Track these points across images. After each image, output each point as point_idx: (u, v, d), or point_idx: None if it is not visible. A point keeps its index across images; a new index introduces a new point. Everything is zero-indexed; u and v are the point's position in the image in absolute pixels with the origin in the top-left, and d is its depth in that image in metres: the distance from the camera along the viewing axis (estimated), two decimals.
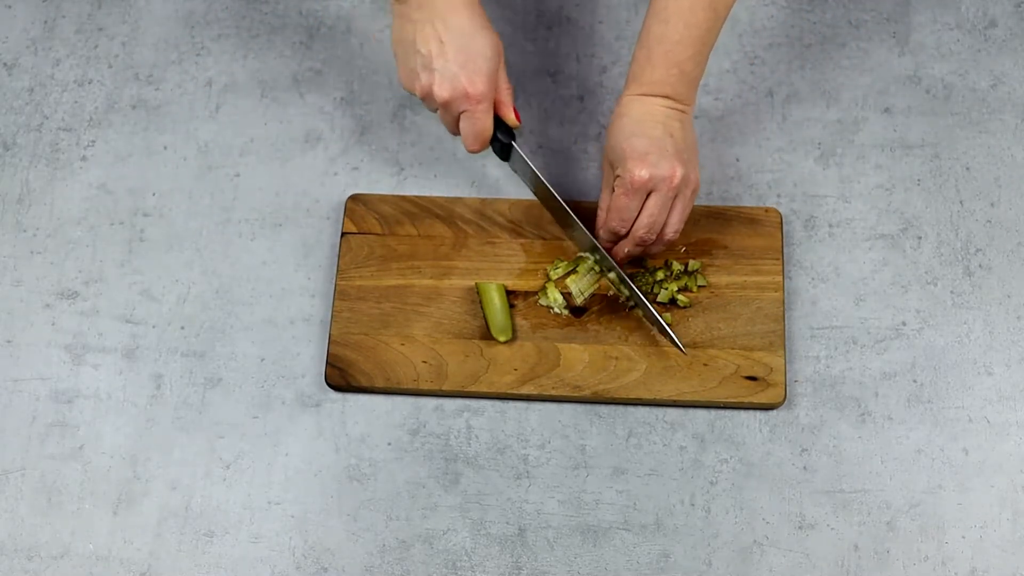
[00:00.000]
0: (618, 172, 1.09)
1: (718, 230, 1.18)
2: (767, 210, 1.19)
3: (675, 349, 1.13)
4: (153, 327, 1.18)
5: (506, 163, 1.17)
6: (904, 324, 1.16)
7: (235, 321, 1.18)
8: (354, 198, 1.20)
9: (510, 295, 1.16)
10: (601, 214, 1.13)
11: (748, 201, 1.21)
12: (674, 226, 1.11)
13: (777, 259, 1.17)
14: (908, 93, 1.26)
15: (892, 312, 1.17)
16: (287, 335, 1.17)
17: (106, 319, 1.18)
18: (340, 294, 1.17)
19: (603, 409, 1.14)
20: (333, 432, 1.14)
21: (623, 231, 1.11)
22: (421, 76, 1.08)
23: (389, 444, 1.13)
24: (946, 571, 1.08)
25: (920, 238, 1.20)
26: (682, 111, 1.10)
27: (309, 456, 1.13)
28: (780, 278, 1.16)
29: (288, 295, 1.19)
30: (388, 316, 1.16)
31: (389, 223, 1.20)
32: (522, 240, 1.19)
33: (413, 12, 1.07)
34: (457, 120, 1.10)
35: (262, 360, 1.16)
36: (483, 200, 1.21)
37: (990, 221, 1.20)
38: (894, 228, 1.20)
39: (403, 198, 1.21)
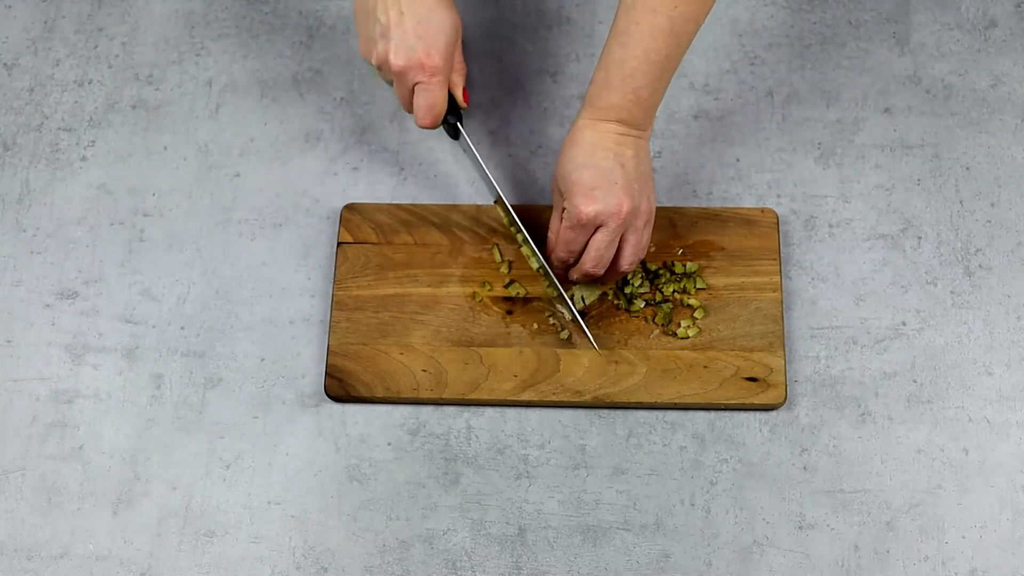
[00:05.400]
0: (566, 205, 1.08)
1: (715, 232, 1.18)
2: (763, 211, 1.19)
3: (675, 352, 1.13)
4: (153, 327, 1.18)
5: (456, 142, 1.18)
6: (904, 324, 1.16)
7: (235, 321, 1.18)
8: (349, 207, 1.20)
9: (508, 301, 1.16)
10: (551, 236, 1.12)
11: (748, 201, 1.21)
12: (628, 259, 1.10)
13: (774, 259, 1.17)
14: (908, 93, 1.26)
15: (892, 312, 1.17)
16: (287, 335, 1.17)
17: (106, 319, 1.18)
18: (337, 304, 1.16)
19: (603, 409, 1.14)
20: (333, 432, 1.14)
21: (571, 261, 1.11)
22: (378, 44, 1.07)
23: (389, 444, 1.13)
24: (946, 571, 1.08)
25: (920, 238, 1.20)
26: (637, 137, 1.08)
27: (309, 456, 1.13)
28: (778, 278, 1.16)
29: (288, 295, 1.19)
30: (386, 325, 1.15)
31: (385, 232, 1.19)
32: (518, 246, 1.19)
33: None
34: (411, 93, 1.09)
35: (262, 360, 1.16)
36: (478, 207, 1.20)
37: (990, 221, 1.20)
38: (894, 228, 1.20)
39: (398, 207, 1.20)
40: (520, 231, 1.16)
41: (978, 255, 1.19)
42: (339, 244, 1.19)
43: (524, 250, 1.18)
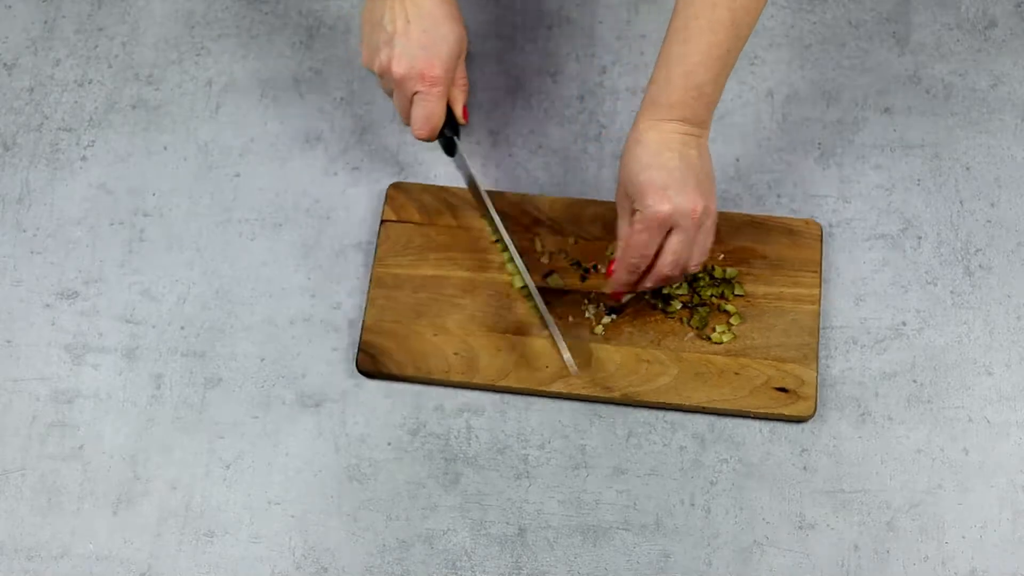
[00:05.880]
0: (636, 207, 1.05)
1: (757, 239, 1.17)
2: (807, 222, 1.18)
3: (708, 356, 1.13)
4: (153, 327, 1.18)
5: (452, 159, 1.17)
6: (904, 324, 1.16)
7: (235, 321, 1.18)
8: (395, 186, 1.20)
9: (545, 292, 1.16)
10: (621, 245, 1.08)
11: (748, 201, 1.21)
12: (696, 259, 1.07)
13: (815, 272, 1.16)
14: (908, 93, 1.26)
15: (892, 312, 1.17)
16: (287, 335, 1.17)
17: (106, 319, 1.18)
18: (377, 281, 1.16)
19: (603, 409, 1.14)
20: (333, 432, 1.14)
21: (642, 267, 1.07)
22: (382, 52, 1.07)
23: (389, 444, 1.13)
24: (946, 571, 1.08)
25: (920, 238, 1.20)
26: (698, 136, 1.06)
27: (309, 456, 1.13)
28: (817, 291, 1.15)
29: (288, 295, 1.19)
30: (423, 306, 1.15)
31: (429, 213, 1.19)
32: (559, 237, 1.18)
33: None
34: (410, 102, 1.09)
35: (262, 360, 1.16)
36: (523, 196, 1.20)
37: (990, 221, 1.20)
38: (894, 228, 1.20)
39: (444, 189, 1.20)
40: (507, 249, 1.15)
41: (978, 255, 1.19)
42: (382, 222, 1.19)
43: (509, 267, 1.17)
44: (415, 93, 1.08)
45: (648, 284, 1.09)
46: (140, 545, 1.10)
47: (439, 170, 1.24)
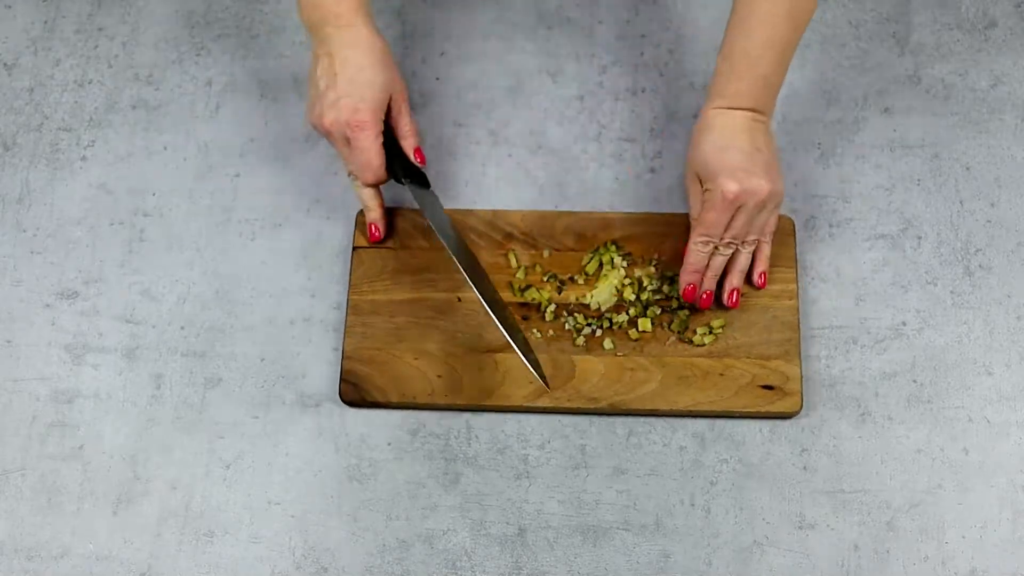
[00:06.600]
0: (708, 186, 1.08)
1: None
2: (779, 218, 1.18)
3: (691, 359, 1.13)
4: (153, 327, 1.18)
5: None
6: (904, 324, 1.16)
7: (235, 321, 1.18)
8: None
9: (524, 307, 1.16)
10: (694, 225, 1.11)
11: None
12: (753, 235, 1.11)
13: (791, 267, 1.16)
14: (908, 93, 1.26)
15: (892, 312, 1.17)
16: (287, 335, 1.17)
17: (106, 319, 1.18)
18: (353, 309, 1.16)
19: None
20: (333, 432, 1.14)
21: (710, 246, 1.10)
22: (315, 107, 1.11)
23: (389, 444, 1.13)
24: (946, 571, 1.08)
25: (920, 238, 1.20)
26: (764, 122, 1.10)
27: (309, 456, 1.13)
28: (795, 286, 1.15)
29: (288, 295, 1.19)
30: (402, 330, 1.15)
31: (401, 236, 1.19)
32: (533, 251, 1.18)
33: (318, 48, 1.11)
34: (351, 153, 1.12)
35: (262, 360, 1.16)
36: (494, 212, 1.20)
37: (990, 221, 1.20)
38: (894, 228, 1.20)
39: (414, 211, 1.20)
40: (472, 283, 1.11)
41: (978, 255, 1.19)
42: (354, 249, 1.18)
43: (608, 284, 1.16)
44: (347, 139, 1.10)
45: (710, 274, 1.12)
46: (140, 545, 1.10)
47: (437, 168, 1.24)
